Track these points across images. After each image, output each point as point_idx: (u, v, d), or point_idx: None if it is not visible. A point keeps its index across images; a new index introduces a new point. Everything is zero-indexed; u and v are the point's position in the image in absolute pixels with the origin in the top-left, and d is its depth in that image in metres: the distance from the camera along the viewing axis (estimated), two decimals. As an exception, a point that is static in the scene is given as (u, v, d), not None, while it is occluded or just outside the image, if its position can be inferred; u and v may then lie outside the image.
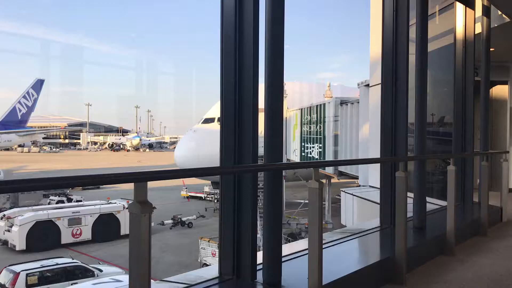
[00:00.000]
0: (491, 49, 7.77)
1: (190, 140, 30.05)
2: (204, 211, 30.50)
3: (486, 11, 7.17)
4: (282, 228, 3.36)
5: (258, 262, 3.22)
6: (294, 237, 21.86)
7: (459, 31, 7.06)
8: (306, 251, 2.96)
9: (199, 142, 27.76)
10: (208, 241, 20.63)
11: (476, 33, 7.24)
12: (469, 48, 7.05)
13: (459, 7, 7.02)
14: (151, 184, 2.03)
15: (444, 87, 8.32)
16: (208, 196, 35.27)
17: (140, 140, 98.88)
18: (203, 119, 31.02)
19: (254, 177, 3.15)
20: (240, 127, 3.15)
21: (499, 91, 11.40)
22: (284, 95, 30.08)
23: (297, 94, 33.13)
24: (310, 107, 24.74)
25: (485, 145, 7.06)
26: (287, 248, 4.29)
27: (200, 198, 36.38)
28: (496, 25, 7.77)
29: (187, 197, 36.86)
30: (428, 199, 6.55)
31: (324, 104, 22.98)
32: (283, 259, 3.44)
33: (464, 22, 7.05)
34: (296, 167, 11.39)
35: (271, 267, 3.14)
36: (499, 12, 7.38)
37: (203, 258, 20.57)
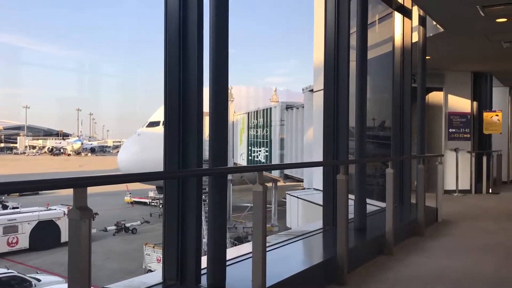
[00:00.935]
0: (427, 57, 8.17)
1: (134, 144, 29.44)
2: (149, 217, 29.94)
3: (422, 21, 7.53)
4: (226, 232, 3.37)
5: (202, 267, 3.22)
6: (240, 240, 21.91)
7: (398, 40, 7.37)
8: (251, 254, 2.99)
9: (144, 146, 27.26)
10: (153, 247, 20.28)
11: (413, 41, 7.59)
12: (406, 56, 7.38)
13: (397, 17, 7.33)
14: (93, 190, 1.99)
15: (385, 93, 8.64)
16: (153, 201, 34.68)
17: (82, 144, 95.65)
18: (147, 123, 30.50)
19: (199, 181, 3.15)
20: (185, 131, 3.14)
21: (435, 97, 11.99)
22: (231, 99, 30.30)
23: (244, 98, 33.31)
24: (257, 111, 24.96)
25: (421, 148, 7.40)
26: (232, 252, 4.31)
27: (144, 203, 35.69)
28: (431, 35, 8.18)
29: (131, 203, 36.06)
30: (369, 201, 6.78)
31: (270, 109, 23.26)
32: (227, 263, 3.45)
33: (402, 31, 7.38)
34: (241, 171, 11.46)
35: (216, 271, 3.14)
36: (434, 23, 7.78)
37: (148, 264, 20.20)
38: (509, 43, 8.96)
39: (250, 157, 25.18)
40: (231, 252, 4.21)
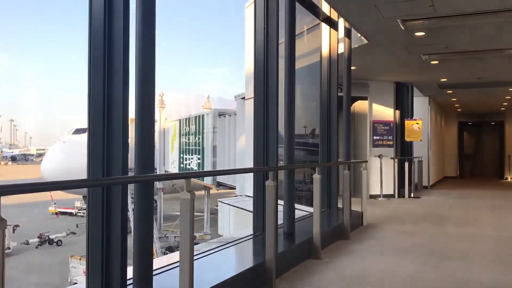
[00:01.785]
0: (352, 68, 8.51)
1: (59, 151, 28.08)
2: (75, 228, 28.66)
3: (347, 33, 7.85)
4: (153, 240, 3.31)
5: (129, 277, 3.14)
6: (172, 250, 21.53)
7: (325, 50, 7.62)
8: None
9: (69, 154, 26.08)
10: (79, 259, 19.44)
11: (339, 52, 7.89)
12: (333, 66, 7.65)
13: (325, 28, 7.59)
14: (12, 200, 1.88)
15: (314, 102, 8.91)
16: (80, 211, 33.25)
17: (1, 152, 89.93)
18: (74, 130, 29.25)
19: (124, 189, 3.07)
20: (109, 138, 3.06)
21: (361, 105, 12.51)
22: (162, 106, 29.71)
23: (176, 105, 32.90)
24: (189, 118, 24.74)
25: (347, 155, 7.68)
26: (161, 261, 4.23)
27: (71, 213, 34.12)
28: (356, 46, 8.54)
29: (56, 213, 34.36)
30: (299, 206, 6.93)
31: (203, 116, 23.14)
32: (155, 272, 3.39)
33: (329, 42, 7.64)
34: (168, 179, 11.26)
35: (142, 281, 3.07)
36: (359, 34, 8.13)
37: (73, 278, 19.32)
38: (428, 56, 9.56)
39: (182, 165, 24.88)
40: (160, 261, 4.14)
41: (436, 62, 10.07)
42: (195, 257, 3.97)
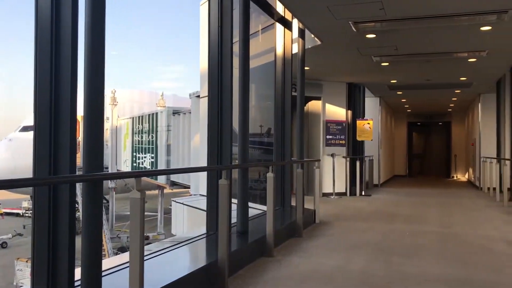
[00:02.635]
0: (306, 68, 8.62)
1: (4, 150, 26.94)
2: (22, 229, 27.56)
3: (301, 34, 7.95)
4: (102, 241, 3.23)
5: (76, 278, 3.05)
6: (124, 250, 21.11)
7: (279, 50, 7.69)
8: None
9: (15, 152, 25.07)
10: (26, 261, 18.73)
11: (293, 52, 7.98)
12: (287, 66, 7.73)
13: (279, 28, 7.65)
14: None
15: (270, 101, 8.99)
16: (27, 212, 32.02)
17: None
18: (20, 127, 28.12)
19: (72, 189, 2.98)
20: (57, 135, 2.96)
21: (315, 105, 12.71)
22: (115, 103, 29.03)
23: (129, 103, 32.24)
24: (142, 116, 24.32)
25: (300, 154, 7.77)
26: (111, 261, 4.14)
27: (17, 214, 32.83)
28: (310, 47, 8.67)
29: (1, 214, 32.93)
30: (253, 205, 6.97)
31: (156, 113, 22.81)
32: (104, 273, 3.31)
33: (283, 42, 7.72)
34: (116, 177, 11.06)
35: (90, 283, 2.99)
36: (312, 36, 8.26)
37: (19, 281, 18.60)
38: (379, 57, 9.83)
39: (134, 164, 24.41)
40: (111, 262, 4.05)
41: (387, 64, 10.37)
42: (147, 257, 3.92)
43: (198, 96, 12.99)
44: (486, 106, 15.31)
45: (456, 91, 14.98)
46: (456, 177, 22.29)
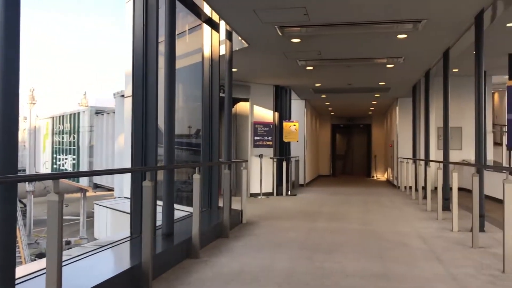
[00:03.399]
0: (234, 70, 8.70)
1: None
2: None
3: (229, 35, 7.99)
4: (15, 247, 3.07)
5: (-13, 288, 2.87)
6: (44, 257, 20.01)
7: (207, 51, 7.69)
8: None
9: None
10: None
11: (221, 54, 8.01)
12: (215, 67, 7.75)
13: (206, 29, 7.65)
14: None
15: (199, 102, 8.95)
16: None
17: None
18: None
19: (-18, 191, 2.80)
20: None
21: (243, 107, 12.82)
22: (33, 102, 27.40)
23: (49, 102, 30.66)
24: (63, 116, 23.21)
25: (228, 154, 7.82)
26: (29, 268, 3.94)
27: None
28: (238, 49, 8.75)
29: None
30: (181, 207, 6.90)
31: (78, 113, 21.88)
32: (19, 281, 3.16)
33: (210, 43, 7.73)
34: (33, 180, 10.43)
35: (3, 291, 2.83)
36: (240, 38, 8.34)
37: None
38: (304, 62, 10.12)
39: (55, 166, 23.25)
40: (27, 269, 3.85)
41: (311, 68, 10.71)
42: (67, 262, 3.78)
43: (123, 96, 12.65)
44: (403, 109, 16.25)
45: (375, 95, 15.77)
46: (376, 176, 23.43)
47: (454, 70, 12.46)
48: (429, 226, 7.57)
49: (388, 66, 10.53)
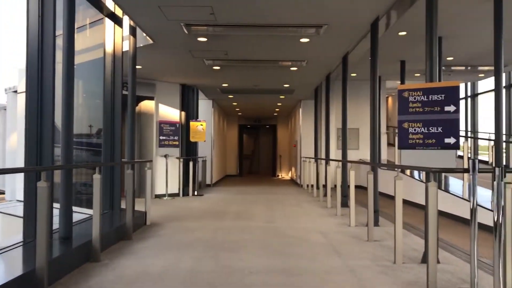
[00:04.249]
0: (138, 67, 8.47)
1: None
2: None
3: (133, 31, 7.77)
4: None
5: None
6: None
7: (109, 47, 7.40)
8: None
9: None
10: None
11: (124, 50, 7.75)
12: (117, 64, 7.48)
13: (109, 24, 7.37)
14: None
15: (100, 99, 8.57)
16: None
17: None
18: None
19: None
20: None
21: (148, 105, 12.52)
22: None
23: None
24: None
25: (131, 154, 7.59)
26: None
27: None
28: (142, 45, 8.52)
29: None
30: (82, 209, 6.57)
31: (-36, 110, 19.95)
32: None
33: (113, 38, 7.44)
34: None
35: None
36: (144, 34, 8.13)
37: None
38: (211, 61, 10.12)
39: None
40: None
41: (218, 68, 10.75)
42: None
43: (16, 92, 11.77)
44: (306, 111, 16.92)
45: (280, 96, 16.23)
46: (281, 176, 24.12)
47: (352, 74, 13.23)
48: (329, 222, 7.95)
49: (292, 68, 10.89)
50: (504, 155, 11.00)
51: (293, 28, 7.52)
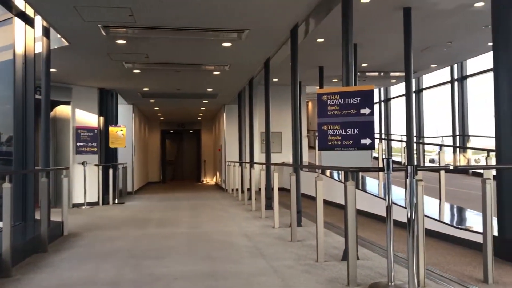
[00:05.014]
0: (52, 70, 8.04)
1: None
2: None
3: (46, 32, 7.36)
4: None
5: None
6: None
7: (19, 48, 6.97)
8: None
9: None
10: None
11: (37, 52, 7.33)
12: (29, 67, 7.06)
13: (19, 24, 6.94)
14: None
15: (10, 104, 8.03)
16: None
17: None
18: None
19: None
20: None
21: (63, 110, 11.93)
22: None
23: None
24: None
25: (45, 162, 7.17)
26: None
27: None
28: (56, 47, 8.10)
29: None
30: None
31: None
32: None
33: (24, 39, 7.02)
34: None
35: None
36: (59, 35, 7.74)
37: None
38: (131, 64, 9.85)
39: None
40: None
41: (139, 71, 10.49)
42: None
43: None
44: (230, 115, 16.98)
45: (204, 101, 16.17)
46: (206, 181, 24.00)
47: (274, 79, 13.50)
48: (254, 224, 8.02)
49: (215, 73, 10.89)
50: (415, 155, 11.75)
51: (213, 32, 7.51)
